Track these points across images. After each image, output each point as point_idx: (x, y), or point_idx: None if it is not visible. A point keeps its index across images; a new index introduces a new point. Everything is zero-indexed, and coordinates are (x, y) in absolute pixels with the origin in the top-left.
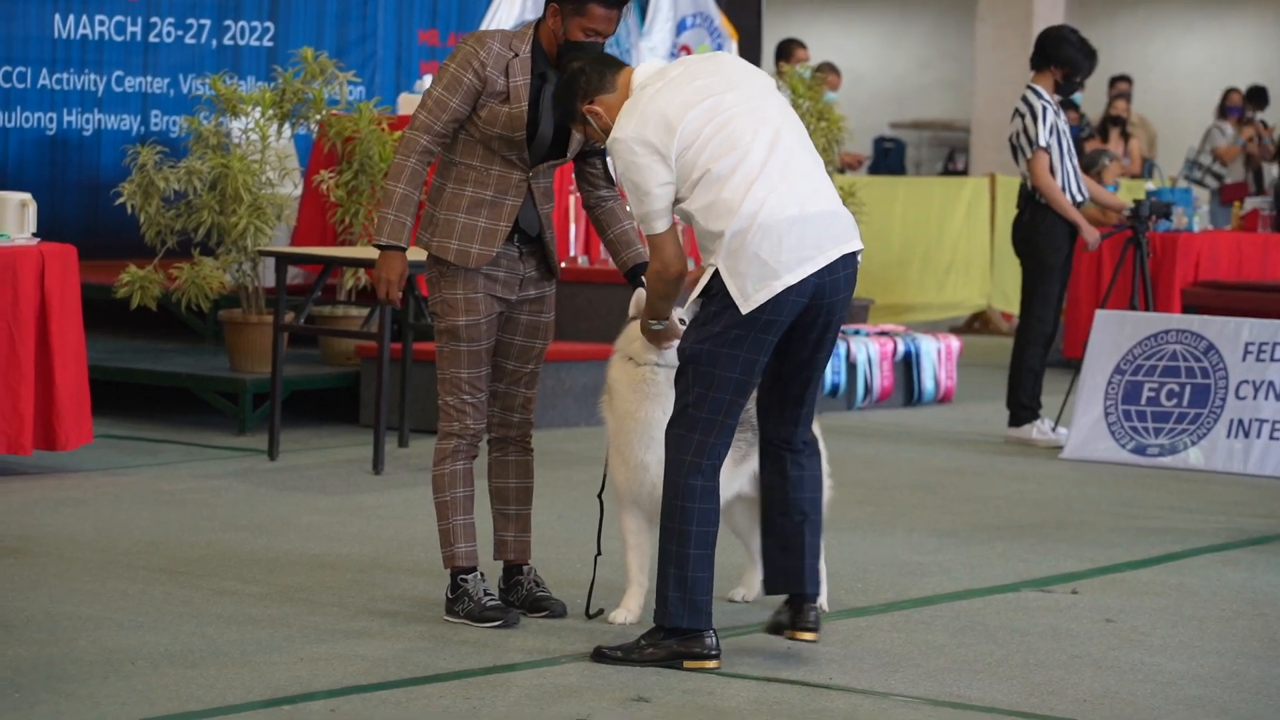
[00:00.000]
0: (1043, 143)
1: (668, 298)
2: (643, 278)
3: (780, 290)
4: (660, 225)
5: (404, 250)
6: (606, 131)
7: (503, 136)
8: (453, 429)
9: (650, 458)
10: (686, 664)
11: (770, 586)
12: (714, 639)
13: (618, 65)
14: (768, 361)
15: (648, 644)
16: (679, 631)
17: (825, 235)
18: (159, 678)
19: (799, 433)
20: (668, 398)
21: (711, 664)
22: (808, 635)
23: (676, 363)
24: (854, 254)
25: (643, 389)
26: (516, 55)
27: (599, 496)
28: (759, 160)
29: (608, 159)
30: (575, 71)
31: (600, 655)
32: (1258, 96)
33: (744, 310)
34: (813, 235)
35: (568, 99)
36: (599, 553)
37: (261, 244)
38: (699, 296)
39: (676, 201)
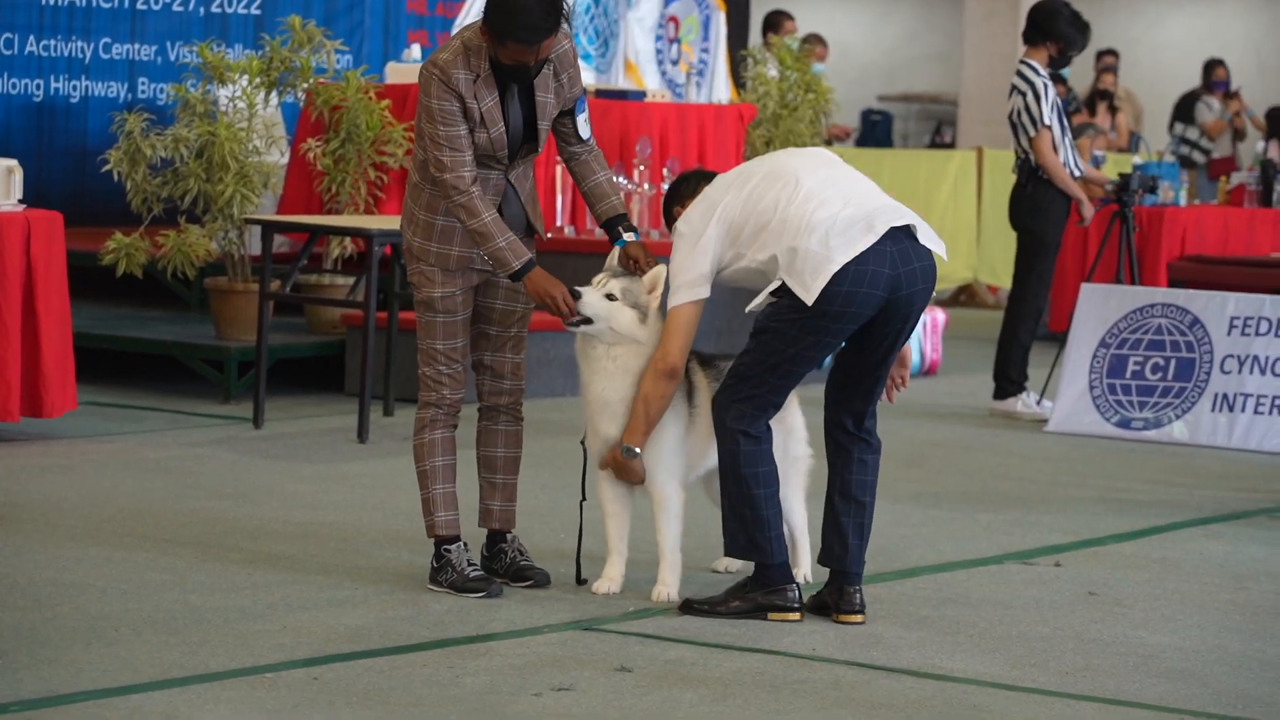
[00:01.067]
0: (1047, 121)
1: (660, 399)
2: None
3: (835, 270)
4: (681, 298)
5: (535, 263)
6: None
7: (484, 152)
8: (431, 399)
9: (615, 430)
10: (771, 615)
11: (821, 559)
12: (796, 591)
13: (709, 179)
14: (843, 352)
15: (731, 596)
16: (763, 580)
17: (876, 216)
18: (142, 644)
19: (866, 423)
20: (612, 374)
21: (794, 616)
22: (855, 618)
23: (610, 340)
24: (928, 248)
25: (593, 366)
26: (478, 77)
27: (581, 442)
28: (805, 185)
29: (579, 118)
30: (678, 181)
31: (689, 608)
32: (1206, 73)
33: (809, 301)
34: (861, 218)
35: (668, 204)
36: (584, 498)
37: (248, 212)
38: (770, 294)
39: (738, 263)
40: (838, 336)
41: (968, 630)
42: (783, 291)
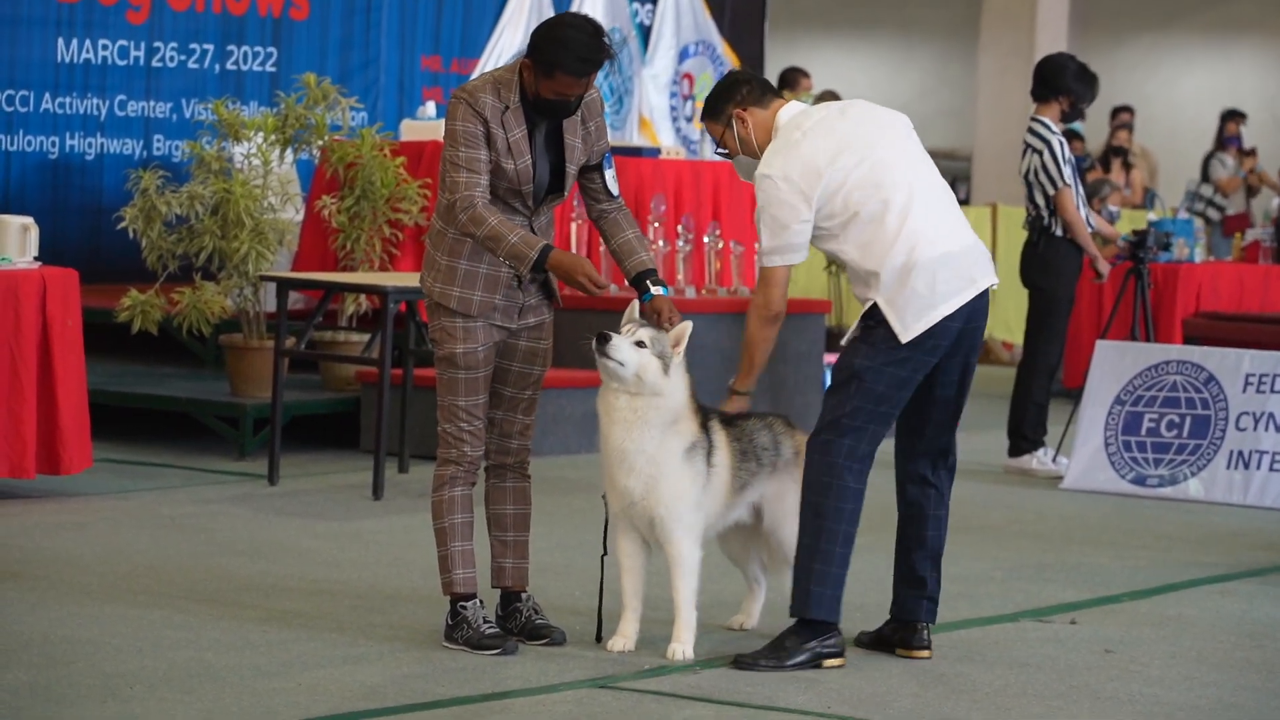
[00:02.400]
0: (1068, 179)
1: (765, 341)
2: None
3: (938, 320)
4: (782, 260)
5: (551, 246)
6: (743, 142)
7: (508, 188)
8: (450, 456)
9: (632, 483)
10: (825, 663)
11: (895, 611)
12: (840, 637)
13: (775, 92)
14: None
15: (790, 646)
16: (814, 628)
17: (975, 267)
18: (156, 702)
19: (950, 459)
20: (631, 425)
21: (841, 661)
22: (923, 653)
23: (634, 389)
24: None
25: (613, 415)
26: (508, 108)
27: (602, 497)
28: (904, 200)
29: (607, 173)
30: (739, 79)
31: (742, 664)
32: (1219, 129)
33: (903, 339)
34: (965, 268)
35: (722, 100)
36: (604, 552)
37: (263, 269)
38: (861, 321)
39: (821, 239)
40: (922, 371)
41: (984, 689)
42: (873, 316)
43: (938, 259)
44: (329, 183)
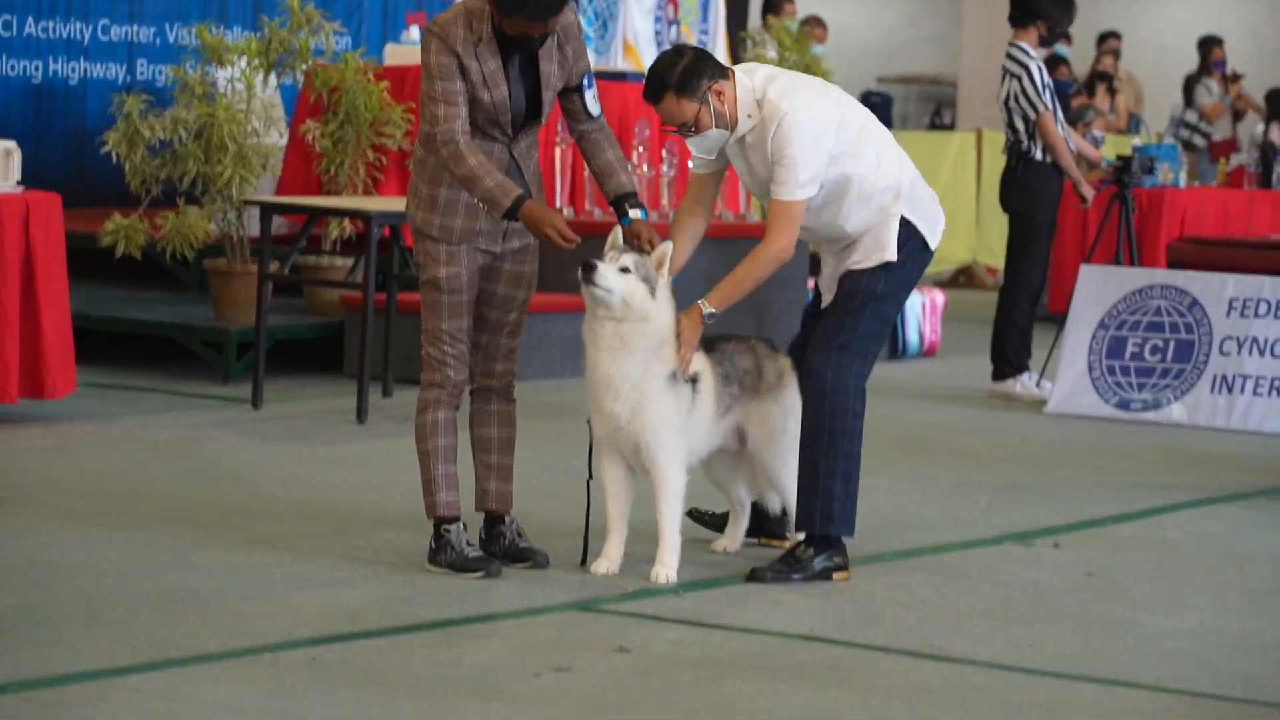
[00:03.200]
0: (1047, 103)
1: (759, 284)
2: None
3: (941, 231)
4: (810, 191)
5: (527, 196)
6: (719, 116)
7: (486, 117)
8: (434, 379)
9: (618, 408)
10: (835, 576)
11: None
12: (845, 549)
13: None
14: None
15: (804, 558)
16: (826, 541)
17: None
18: (141, 625)
19: None
20: (618, 351)
21: (847, 575)
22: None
23: (621, 315)
24: None
25: (598, 342)
26: (480, 40)
27: (587, 421)
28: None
29: (587, 94)
30: (702, 54)
31: (756, 576)
32: (1203, 55)
33: (933, 245)
34: (932, 194)
35: (695, 77)
36: (590, 476)
37: (247, 193)
38: (874, 251)
39: (835, 162)
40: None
41: (966, 611)
42: (902, 231)
43: (923, 183)
44: (313, 107)
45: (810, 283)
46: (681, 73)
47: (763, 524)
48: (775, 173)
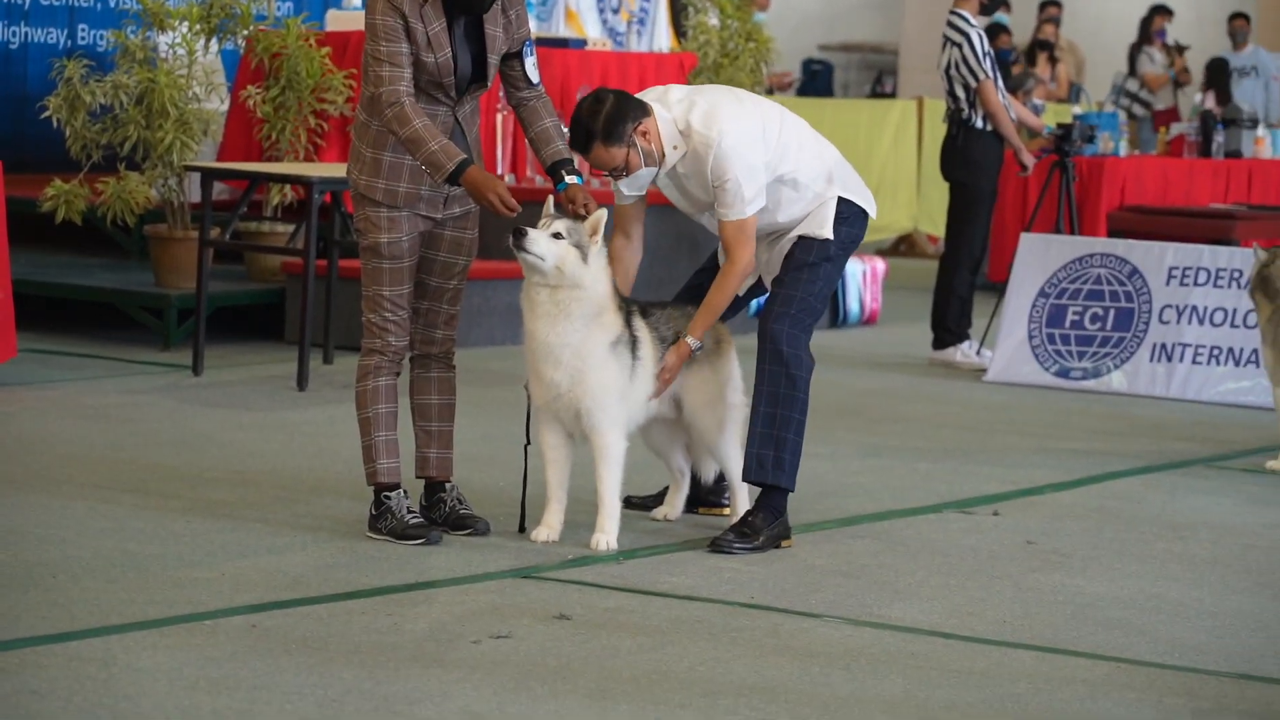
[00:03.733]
0: (988, 71)
1: (730, 299)
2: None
3: (872, 199)
4: (758, 206)
5: (471, 162)
6: (648, 155)
7: (429, 80)
8: (375, 345)
9: (558, 376)
10: (783, 543)
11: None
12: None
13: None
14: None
15: (758, 525)
16: (774, 502)
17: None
18: (80, 591)
19: None
20: (555, 318)
21: (790, 542)
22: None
23: (555, 281)
24: None
25: (536, 310)
26: (426, 1)
27: (524, 387)
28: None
29: (527, 61)
30: (620, 99)
31: (718, 547)
32: (1144, 24)
33: (872, 212)
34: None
35: (619, 122)
36: (528, 442)
37: (188, 159)
38: (825, 238)
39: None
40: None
41: (906, 579)
42: (840, 208)
43: (838, 156)
44: (254, 73)
45: None
46: (606, 120)
47: (699, 494)
48: (720, 197)
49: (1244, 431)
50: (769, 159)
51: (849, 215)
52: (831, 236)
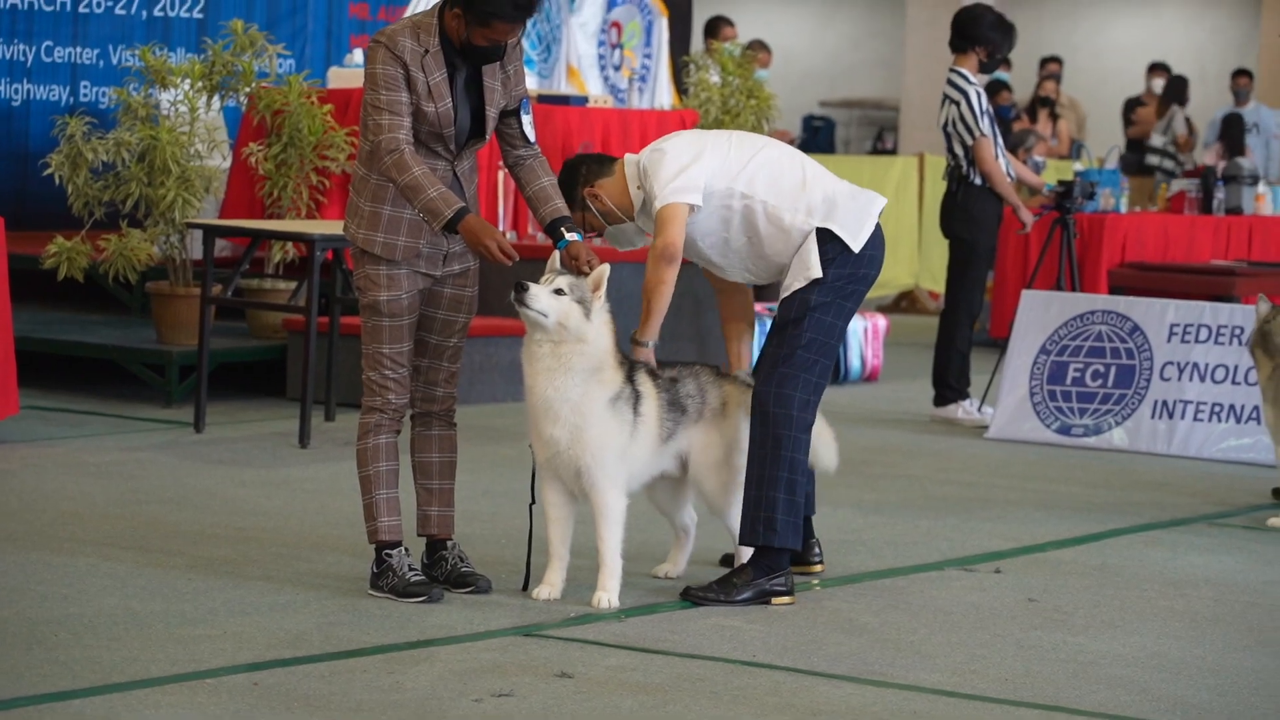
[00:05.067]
0: (985, 130)
1: (663, 285)
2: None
3: (874, 223)
4: (681, 197)
5: (468, 210)
6: (606, 215)
7: (429, 131)
8: (375, 404)
9: (557, 432)
10: (774, 601)
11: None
12: (790, 575)
13: (611, 159)
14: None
15: (739, 582)
16: (769, 562)
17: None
18: (82, 649)
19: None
20: (555, 373)
21: (791, 599)
22: (819, 567)
23: (557, 337)
24: None
25: (536, 365)
26: (427, 51)
27: (529, 446)
28: (800, 155)
29: (524, 119)
30: (576, 163)
31: (691, 596)
32: (1179, 86)
33: (855, 248)
34: (862, 198)
35: (569, 186)
36: (533, 500)
37: (189, 216)
38: (802, 272)
39: (733, 204)
40: (860, 300)
41: (908, 636)
42: (824, 245)
43: (847, 188)
44: (256, 130)
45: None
46: (561, 187)
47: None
48: (646, 190)
49: (1245, 489)
50: (727, 181)
51: (835, 256)
52: (819, 274)
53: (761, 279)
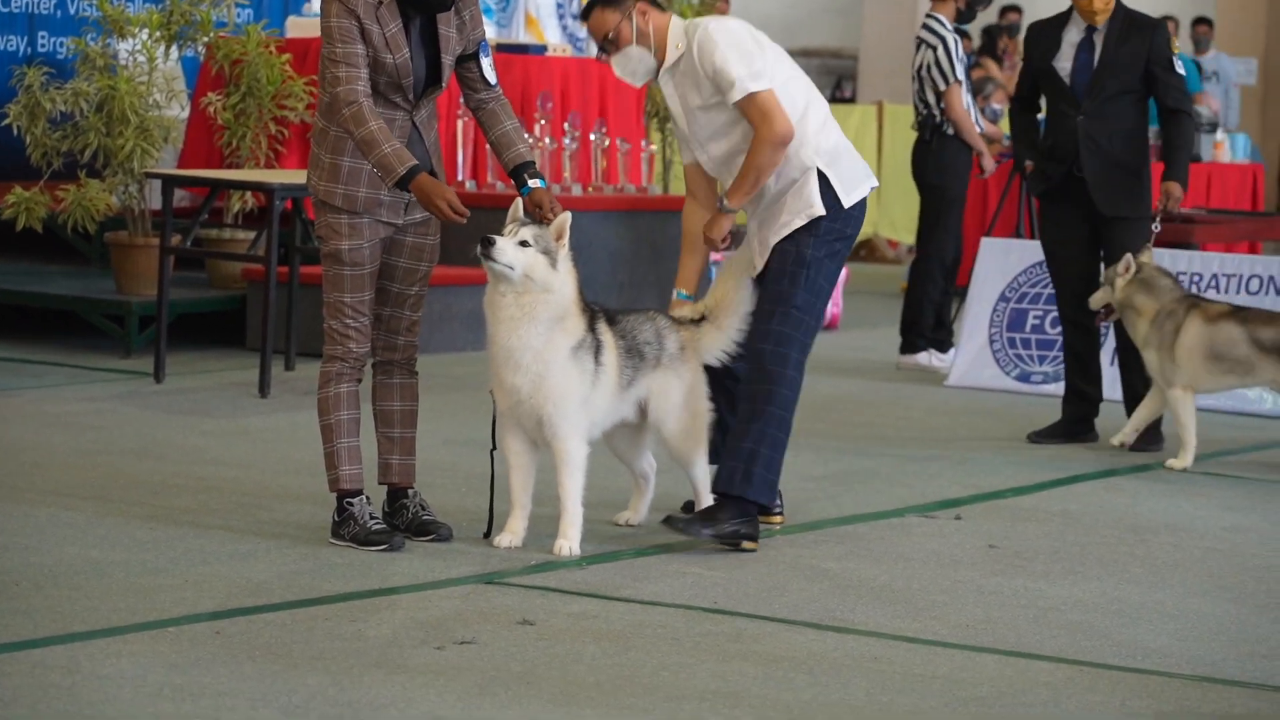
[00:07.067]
0: (959, 76)
1: (771, 166)
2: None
3: (866, 192)
4: (766, 84)
5: (421, 168)
6: (640, 34)
7: (388, 82)
8: (336, 352)
9: (519, 380)
10: (744, 544)
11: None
12: (758, 524)
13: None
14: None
15: (721, 517)
16: (745, 508)
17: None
18: (43, 599)
19: None
20: (519, 322)
21: (755, 545)
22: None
23: (522, 288)
24: None
25: (499, 314)
26: (381, 2)
27: (490, 391)
28: (819, 99)
29: (484, 61)
30: None
31: (672, 523)
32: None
33: (846, 203)
34: (863, 165)
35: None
36: (493, 447)
37: (148, 166)
38: (817, 215)
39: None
40: (843, 260)
41: (869, 583)
42: (823, 191)
43: (849, 149)
44: (214, 80)
45: (717, 257)
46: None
47: None
48: (720, 81)
49: (1204, 436)
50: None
51: (829, 206)
52: (821, 212)
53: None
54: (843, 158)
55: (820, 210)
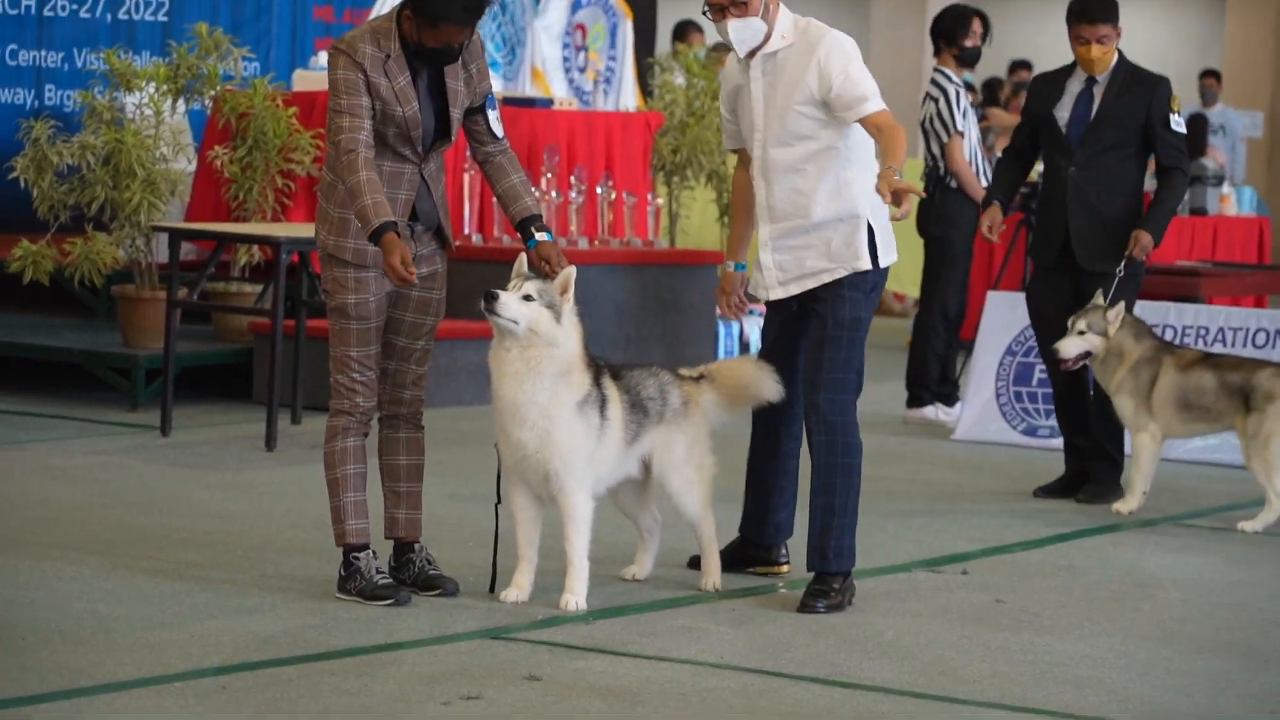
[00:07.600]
0: (960, 127)
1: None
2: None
3: (895, 258)
4: (883, 104)
5: (392, 227)
6: (766, 9)
7: (397, 134)
8: (343, 406)
9: (525, 435)
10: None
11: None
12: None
13: None
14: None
15: (838, 588)
16: (846, 583)
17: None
18: (49, 654)
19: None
20: (524, 377)
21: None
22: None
23: (527, 343)
24: None
25: (504, 369)
26: (389, 56)
27: (495, 446)
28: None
29: (490, 115)
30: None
31: (805, 608)
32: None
33: (884, 262)
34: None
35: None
36: (498, 500)
37: (155, 219)
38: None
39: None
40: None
41: (876, 638)
42: (865, 243)
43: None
44: (221, 133)
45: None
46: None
47: (754, 554)
48: (850, 88)
49: (1212, 490)
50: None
51: (877, 281)
52: (867, 266)
53: (772, 212)
54: (880, 215)
55: (867, 265)
